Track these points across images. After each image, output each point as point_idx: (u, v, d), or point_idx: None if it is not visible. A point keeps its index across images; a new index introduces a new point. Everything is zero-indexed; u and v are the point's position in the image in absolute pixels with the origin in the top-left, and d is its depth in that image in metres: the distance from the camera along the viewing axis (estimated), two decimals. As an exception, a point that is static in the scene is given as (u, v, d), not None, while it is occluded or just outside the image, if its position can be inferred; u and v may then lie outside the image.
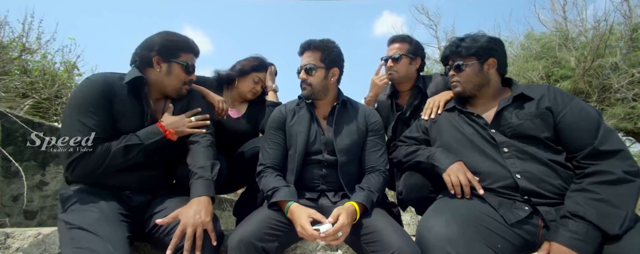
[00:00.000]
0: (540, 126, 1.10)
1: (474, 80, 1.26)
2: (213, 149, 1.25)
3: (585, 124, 1.05)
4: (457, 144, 1.24)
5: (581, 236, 0.88)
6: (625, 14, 4.59)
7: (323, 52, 1.35)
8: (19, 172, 2.01)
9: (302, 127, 1.36)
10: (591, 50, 4.25)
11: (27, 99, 2.82)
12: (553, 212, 1.01)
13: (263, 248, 1.01)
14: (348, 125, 1.38)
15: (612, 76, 4.24)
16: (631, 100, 4.13)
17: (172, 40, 1.26)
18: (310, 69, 1.34)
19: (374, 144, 1.37)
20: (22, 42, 3.12)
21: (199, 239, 0.97)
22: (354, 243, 1.15)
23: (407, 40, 1.73)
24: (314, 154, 1.32)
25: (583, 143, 1.03)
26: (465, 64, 1.26)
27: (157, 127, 1.16)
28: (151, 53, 1.22)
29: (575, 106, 1.10)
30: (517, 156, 1.10)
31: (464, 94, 1.30)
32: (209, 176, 1.13)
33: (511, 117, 1.16)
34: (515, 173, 1.08)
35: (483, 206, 1.08)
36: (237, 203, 1.74)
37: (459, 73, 1.28)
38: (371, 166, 1.34)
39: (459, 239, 0.92)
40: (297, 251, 1.24)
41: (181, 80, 1.27)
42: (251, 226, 1.05)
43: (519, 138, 1.12)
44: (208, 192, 1.08)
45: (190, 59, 1.30)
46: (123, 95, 1.16)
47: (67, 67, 3.42)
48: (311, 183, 1.32)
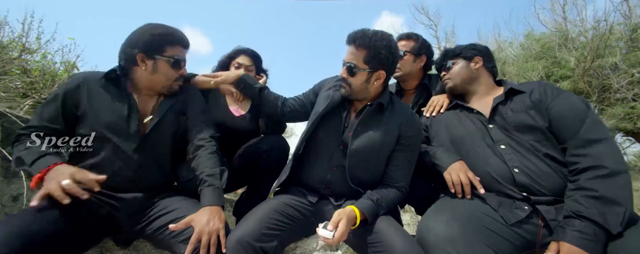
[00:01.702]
0: (536, 116, 1.13)
1: (462, 74, 1.36)
2: (219, 155, 1.22)
3: (572, 115, 1.08)
4: (456, 139, 1.26)
5: (591, 237, 0.88)
6: (625, 14, 4.59)
7: (369, 52, 1.15)
8: (19, 172, 2.01)
9: (326, 104, 1.26)
10: (591, 51, 4.25)
11: (27, 99, 2.82)
12: (553, 211, 1.01)
13: (261, 248, 0.99)
14: (374, 131, 1.21)
15: (612, 76, 4.24)
16: (631, 100, 4.12)
17: (155, 34, 1.16)
18: (352, 68, 1.18)
19: (401, 160, 1.22)
20: (22, 42, 3.11)
21: (213, 247, 0.97)
22: (356, 244, 1.14)
23: (413, 38, 1.72)
24: (327, 145, 1.25)
25: (570, 133, 1.05)
26: (453, 62, 1.39)
27: (44, 166, 1.00)
28: (134, 50, 1.14)
29: (564, 98, 1.13)
30: (515, 151, 1.12)
31: (456, 89, 1.37)
32: (219, 184, 1.12)
33: (506, 112, 1.19)
34: (513, 168, 1.09)
35: (483, 206, 1.08)
36: (237, 203, 1.74)
37: (448, 71, 1.40)
38: (390, 182, 1.22)
39: (460, 240, 0.92)
40: (297, 251, 1.24)
41: (170, 77, 1.20)
42: (249, 226, 1.03)
43: (517, 130, 1.14)
44: (219, 201, 1.07)
45: (179, 53, 1.20)
46: (100, 91, 1.15)
47: (67, 67, 3.41)
48: (316, 185, 1.27)
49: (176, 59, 1.19)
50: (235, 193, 3.37)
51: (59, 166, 1.00)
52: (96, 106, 1.14)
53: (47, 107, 1.13)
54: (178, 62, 1.20)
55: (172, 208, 1.13)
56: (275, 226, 1.08)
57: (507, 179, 1.10)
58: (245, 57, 1.72)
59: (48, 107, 1.13)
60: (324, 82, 1.40)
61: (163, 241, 1.09)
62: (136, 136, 1.16)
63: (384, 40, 1.16)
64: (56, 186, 0.92)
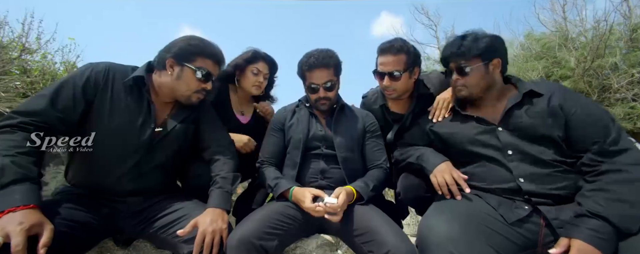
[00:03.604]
0: (552, 124, 1.07)
1: (480, 84, 1.19)
2: (236, 162, 1.26)
3: (596, 122, 1.04)
4: (460, 146, 1.22)
5: (604, 235, 0.87)
6: (625, 14, 4.58)
7: (335, 69, 1.44)
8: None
9: (302, 124, 1.44)
10: (591, 51, 4.24)
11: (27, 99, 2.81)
12: (553, 211, 1.00)
13: (262, 247, 1.01)
14: (347, 125, 1.47)
15: (612, 76, 4.23)
16: (631, 100, 4.12)
17: (191, 43, 1.17)
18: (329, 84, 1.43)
19: (373, 144, 1.48)
20: (22, 42, 3.11)
21: (216, 247, 0.98)
22: (352, 243, 1.16)
23: (404, 51, 1.44)
24: (312, 149, 1.40)
25: (593, 141, 1.02)
26: (470, 67, 1.18)
27: (16, 202, 0.84)
28: (167, 54, 1.16)
29: (586, 105, 1.09)
30: (521, 158, 1.08)
31: (471, 97, 1.24)
32: (229, 188, 1.15)
33: (522, 116, 1.12)
34: (518, 177, 1.06)
35: (484, 205, 1.07)
36: (237, 203, 1.74)
37: (463, 77, 1.20)
38: (372, 163, 1.44)
39: (461, 239, 0.92)
40: (297, 251, 1.24)
41: (191, 87, 1.18)
42: (251, 225, 1.06)
43: (529, 138, 1.09)
44: (225, 205, 1.10)
45: (208, 66, 1.19)
46: (121, 90, 1.12)
47: (67, 67, 3.41)
48: (310, 178, 1.36)
49: (203, 71, 1.18)
50: (235, 192, 3.38)
51: (16, 214, 0.80)
52: (112, 104, 1.10)
53: (63, 92, 1.03)
54: (204, 74, 1.18)
55: (175, 208, 1.13)
56: (276, 226, 1.10)
57: (512, 188, 1.07)
58: (265, 65, 1.70)
59: (64, 93, 1.03)
60: (278, 117, 1.54)
61: (165, 241, 1.09)
62: (144, 146, 1.14)
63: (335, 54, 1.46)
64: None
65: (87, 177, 1.14)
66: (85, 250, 1.09)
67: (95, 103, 1.08)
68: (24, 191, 0.86)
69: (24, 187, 0.87)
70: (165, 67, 1.16)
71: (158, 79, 1.19)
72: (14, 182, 0.86)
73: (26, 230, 0.79)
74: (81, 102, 1.05)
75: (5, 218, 0.80)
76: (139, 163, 1.14)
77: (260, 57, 1.69)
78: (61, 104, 1.02)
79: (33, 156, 0.94)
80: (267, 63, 1.71)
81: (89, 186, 1.13)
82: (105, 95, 1.09)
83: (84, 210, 1.04)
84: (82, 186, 1.14)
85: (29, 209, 0.83)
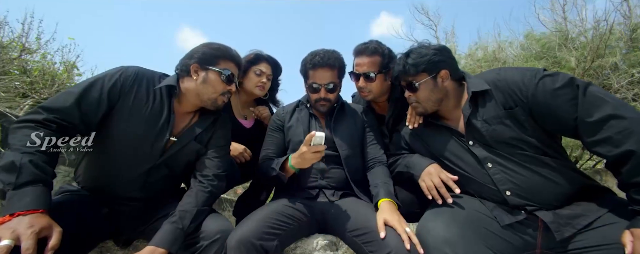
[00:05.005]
0: (514, 125, 1.04)
1: (431, 97, 1.18)
2: (214, 195, 1.18)
3: (560, 98, 0.96)
4: (440, 159, 1.20)
5: None
6: (625, 14, 4.58)
7: (339, 71, 1.44)
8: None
9: (302, 126, 1.43)
10: (591, 51, 4.24)
11: (27, 99, 2.81)
12: (550, 215, 0.98)
13: (262, 247, 1.01)
14: (347, 123, 1.48)
15: (612, 76, 4.23)
16: (631, 100, 4.12)
17: (212, 48, 1.22)
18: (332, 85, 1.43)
19: (372, 138, 1.49)
20: (22, 42, 3.12)
21: None
22: (352, 243, 1.15)
23: (379, 52, 1.45)
24: None
25: (572, 123, 0.95)
26: (418, 82, 1.18)
27: (27, 206, 0.84)
28: (191, 61, 1.19)
29: (541, 84, 0.99)
30: (504, 171, 1.05)
31: (427, 112, 1.23)
32: (184, 225, 1.03)
33: (482, 126, 1.09)
34: (504, 190, 1.04)
35: (482, 207, 1.07)
36: (237, 203, 1.75)
37: (414, 93, 1.20)
38: (373, 158, 1.43)
39: (458, 241, 0.91)
40: (297, 250, 1.24)
41: (218, 90, 1.19)
42: (250, 225, 1.06)
43: (500, 144, 1.06)
44: (169, 245, 0.99)
45: (231, 68, 1.23)
46: (144, 95, 1.13)
47: (67, 67, 3.42)
48: (309, 178, 1.35)
49: (226, 73, 1.20)
50: (235, 192, 3.37)
51: (26, 217, 0.81)
52: (133, 110, 1.10)
53: (90, 92, 1.04)
54: (228, 76, 1.21)
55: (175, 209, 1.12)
56: (276, 226, 1.10)
57: (502, 199, 1.05)
58: (268, 66, 1.71)
59: (91, 94, 1.04)
60: (278, 116, 1.54)
61: None
62: (157, 155, 1.14)
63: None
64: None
65: (96, 179, 1.14)
66: (86, 250, 1.09)
67: (116, 107, 1.09)
68: (36, 194, 0.87)
69: (37, 191, 0.87)
70: (189, 73, 1.18)
71: (183, 86, 1.20)
72: (28, 183, 0.87)
73: (36, 233, 0.80)
74: (105, 104, 1.06)
75: (15, 220, 0.81)
76: (149, 171, 1.13)
77: (262, 58, 1.70)
78: (86, 103, 1.03)
79: (50, 156, 0.95)
80: (269, 64, 1.72)
81: (95, 188, 1.14)
82: (128, 100, 1.10)
83: (85, 210, 1.05)
84: (88, 187, 1.14)
85: (38, 213, 0.84)
